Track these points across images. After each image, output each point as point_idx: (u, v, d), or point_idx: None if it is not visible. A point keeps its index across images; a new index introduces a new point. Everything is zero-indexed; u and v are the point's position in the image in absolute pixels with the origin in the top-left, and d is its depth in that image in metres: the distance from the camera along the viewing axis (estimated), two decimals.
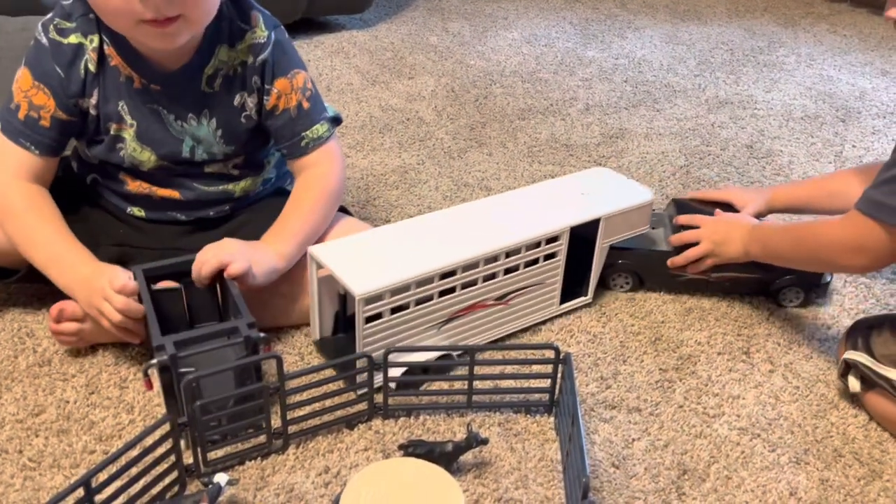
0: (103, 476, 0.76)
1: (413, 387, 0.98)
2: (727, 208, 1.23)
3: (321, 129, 1.08)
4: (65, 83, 0.97)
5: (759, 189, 1.30)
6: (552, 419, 0.96)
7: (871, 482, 0.90)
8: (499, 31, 2.46)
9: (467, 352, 0.93)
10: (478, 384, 0.96)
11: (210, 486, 0.78)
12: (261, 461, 0.88)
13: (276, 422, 0.89)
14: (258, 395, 0.85)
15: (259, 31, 1.02)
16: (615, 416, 0.97)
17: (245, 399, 0.86)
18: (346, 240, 1.01)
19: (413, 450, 0.85)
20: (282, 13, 1.11)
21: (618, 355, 1.08)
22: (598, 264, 1.14)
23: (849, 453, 0.93)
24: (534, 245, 1.05)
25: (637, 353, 1.08)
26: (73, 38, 0.97)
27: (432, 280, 0.97)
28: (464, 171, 1.58)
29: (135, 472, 0.78)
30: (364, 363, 0.91)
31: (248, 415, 0.87)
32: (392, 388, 0.95)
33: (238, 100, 1.03)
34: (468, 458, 0.89)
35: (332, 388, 0.93)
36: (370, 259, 0.97)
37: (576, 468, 0.79)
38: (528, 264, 1.06)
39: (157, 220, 1.10)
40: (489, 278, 1.03)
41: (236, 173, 1.10)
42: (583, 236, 1.10)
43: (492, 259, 1.01)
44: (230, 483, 0.79)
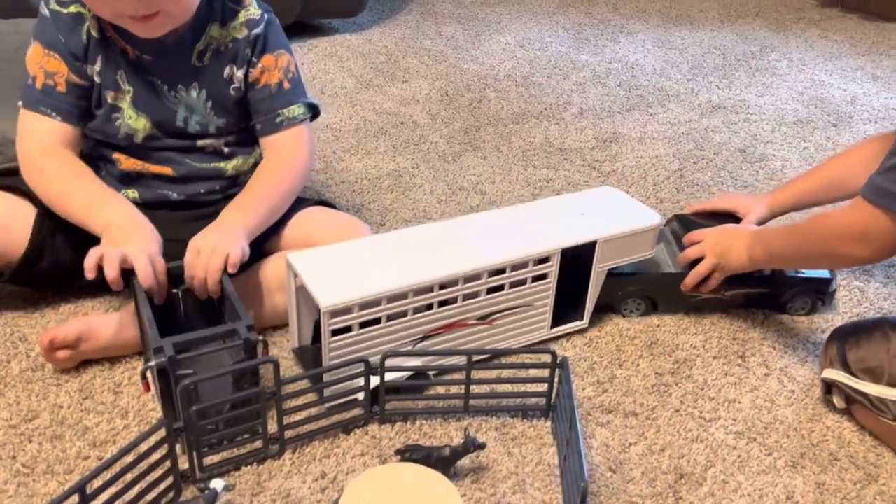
0: (98, 482, 0.75)
1: (410, 392, 0.98)
2: (730, 218, 1.21)
3: (297, 111, 1.10)
4: (70, 48, 1.00)
5: (760, 194, 1.29)
6: (549, 423, 0.96)
7: (867, 486, 0.90)
8: (492, 35, 2.47)
9: (465, 356, 0.93)
10: (475, 388, 0.96)
11: (206, 491, 0.77)
12: (257, 466, 0.88)
13: (273, 427, 0.88)
14: (255, 400, 0.85)
15: (252, 9, 1.07)
16: (612, 420, 0.97)
17: (241, 403, 0.85)
18: (325, 249, 0.98)
19: (410, 455, 0.85)
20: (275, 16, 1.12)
21: (614, 359, 1.08)
22: (594, 289, 1.09)
23: (844, 457, 0.94)
24: (521, 265, 1.01)
25: (633, 358, 1.08)
26: (72, 8, 1.00)
27: (406, 296, 0.94)
28: (458, 174, 1.58)
29: (130, 478, 0.78)
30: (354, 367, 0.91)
31: (244, 419, 0.86)
32: (359, 398, 0.93)
33: (227, 72, 1.06)
34: (465, 462, 0.89)
35: (329, 392, 0.93)
36: (346, 270, 0.94)
37: (573, 473, 0.79)
38: (515, 285, 1.02)
39: (151, 201, 1.10)
40: (470, 297, 0.99)
41: (227, 151, 1.11)
42: (580, 259, 1.07)
43: (473, 277, 0.98)
44: (226, 489, 0.79)
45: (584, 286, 1.09)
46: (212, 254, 0.94)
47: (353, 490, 0.76)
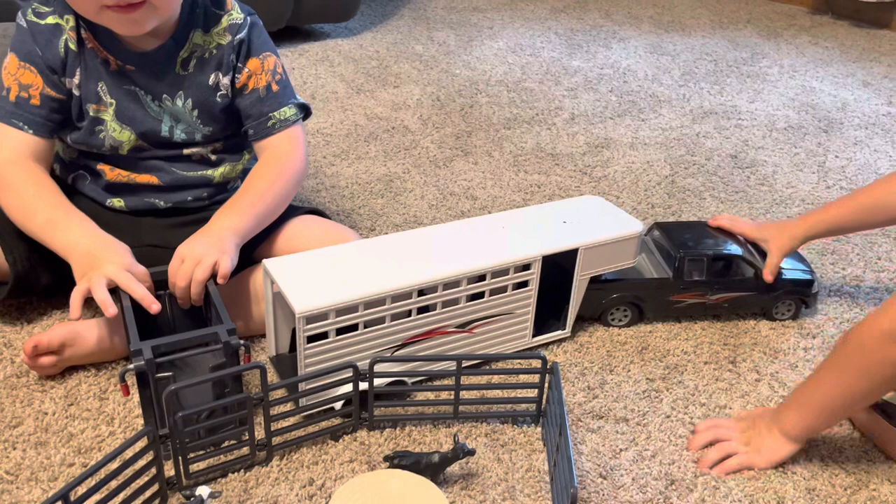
0: (82, 489, 0.74)
1: (399, 397, 0.97)
2: (725, 233, 1.18)
3: (288, 112, 1.08)
4: (46, 60, 0.99)
5: (782, 222, 1.18)
6: (539, 429, 0.96)
7: (858, 491, 0.90)
8: (484, 40, 2.47)
9: (455, 361, 0.92)
10: (464, 394, 0.95)
11: (192, 499, 0.77)
12: (244, 473, 0.87)
13: (260, 433, 0.87)
14: (241, 406, 0.84)
15: (235, 13, 1.05)
16: (602, 426, 0.97)
17: (228, 409, 0.85)
18: (303, 255, 0.97)
19: (399, 461, 0.84)
20: (266, 21, 1.12)
21: (605, 365, 1.08)
22: (577, 297, 1.08)
23: (835, 463, 0.93)
24: (501, 272, 0.99)
25: (624, 363, 1.08)
26: (50, 20, 0.99)
27: (384, 302, 0.92)
28: (449, 179, 1.57)
29: (114, 485, 0.77)
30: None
31: (230, 426, 0.85)
32: (336, 408, 0.92)
33: (213, 79, 1.04)
34: (455, 469, 0.88)
35: (317, 398, 0.92)
36: (323, 276, 0.93)
37: (563, 479, 0.79)
38: (495, 292, 1.00)
39: (137, 209, 1.09)
40: (449, 304, 0.98)
41: (214, 158, 1.10)
42: (562, 266, 1.05)
43: (453, 284, 0.96)
44: (213, 496, 0.78)
45: (566, 295, 1.08)
46: (196, 263, 0.93)
47: (340, 497, 0.76)
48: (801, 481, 0.90)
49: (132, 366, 0.80)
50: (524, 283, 1.02)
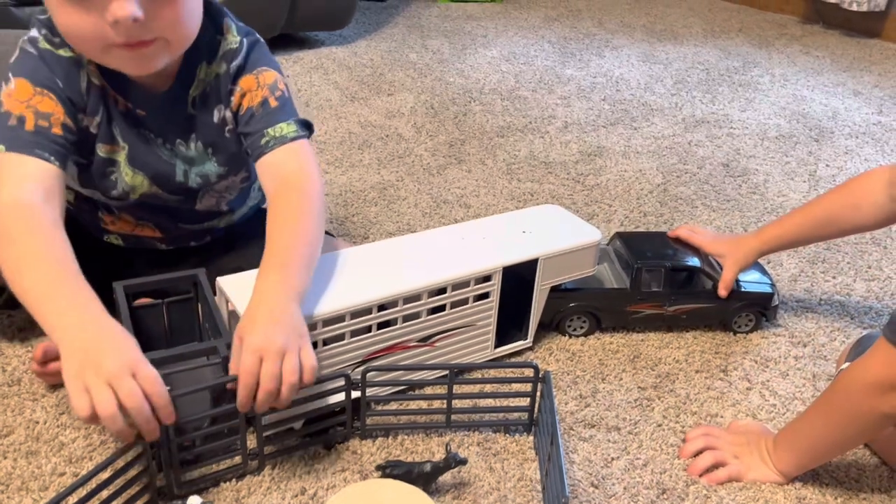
0: (73, 499, 0.74)
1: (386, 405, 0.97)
2: (689, 246, 1.18)
3: (286, 129, 0.96)
4: (67, 93, 0.89)
5: (741, 237, 1.19)
6: (531, 438, 0.96)
7: (849, 500, 0.90)
8: (478, 48, 2.48)
9: (448, 370, 0.93)
10: (456, 403, 0.95)
11: None
12: (236, 482, 0.87)
13: (252, 442, 0.87)
14: (233, 416, 0.84)
15: (231, 37, 0.96)
16: (594, 434, 0.97)
17: (220, 419, 0.84)
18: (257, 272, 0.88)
19: (391, 471, 0.84)
20: (260, 29, 1.11)
21: (597, 373, 1.08)
22: (538, 306, 1.08)
23: (825, 472, 0.94)
24: (462, 284, 0.98)
25: (616, 371, 1.08)
26: (64, 52, 0.90)
27: (343, 319, 0.90)
28: (443, 187, 1.58)
29: (106, 495, 0.77)
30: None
31: (222, 435, 0.85)
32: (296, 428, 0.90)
33: (217, 115, 0.98)
34: (447, 478, 0.88)
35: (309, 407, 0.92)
36: None
37: (555, 488, 0.79)
38: (456, 304, 0.99)
39: (136, 248, 1.07)
40: (410, 318, 0.96)
41: (226, 209, 1.07)
42: (522, 277, 1.05)
43: (413, 298, 0.94)
44: None
45: (527, 305, 1.08)
46: (280, 358, 0.77)
47: None
48: (792, 490, 0.91)
49: None
50: (485, 295, 1.02)
